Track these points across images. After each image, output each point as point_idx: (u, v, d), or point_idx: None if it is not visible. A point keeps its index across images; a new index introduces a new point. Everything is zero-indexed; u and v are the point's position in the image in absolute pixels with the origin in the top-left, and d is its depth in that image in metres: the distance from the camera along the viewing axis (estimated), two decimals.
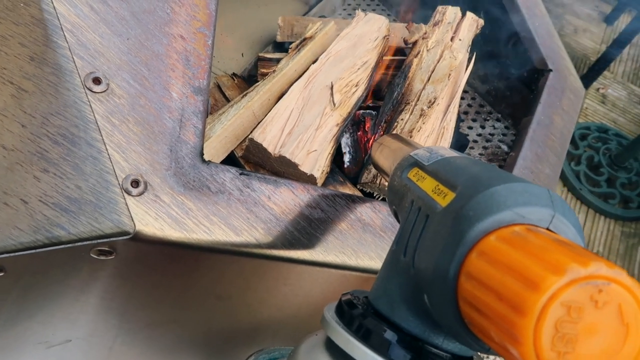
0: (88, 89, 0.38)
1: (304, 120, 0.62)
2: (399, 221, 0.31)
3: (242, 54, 0.88)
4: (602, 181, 1.84)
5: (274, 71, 0.69)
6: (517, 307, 0.17)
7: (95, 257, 0.39)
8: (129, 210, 0.37)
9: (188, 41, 0.44)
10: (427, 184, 0.27)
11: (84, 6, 0.40)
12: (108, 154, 0.38)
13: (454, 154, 0.31)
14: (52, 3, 0.39)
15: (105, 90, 0.39)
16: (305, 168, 0.59)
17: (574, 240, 0.22)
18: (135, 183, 0.38)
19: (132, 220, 0.37)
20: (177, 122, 0.41)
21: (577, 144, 1.92)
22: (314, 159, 0.60)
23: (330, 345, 0.26)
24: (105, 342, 0.56)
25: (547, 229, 0.22)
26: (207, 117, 0.44)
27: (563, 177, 1.84)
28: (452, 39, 0.71)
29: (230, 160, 0.64)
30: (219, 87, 0.72)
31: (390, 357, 0.23)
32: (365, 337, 0.24)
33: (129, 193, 0.38)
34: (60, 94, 0.38)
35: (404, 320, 0.25)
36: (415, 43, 0.74)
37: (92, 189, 0.37)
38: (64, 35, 0.39)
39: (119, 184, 0.38)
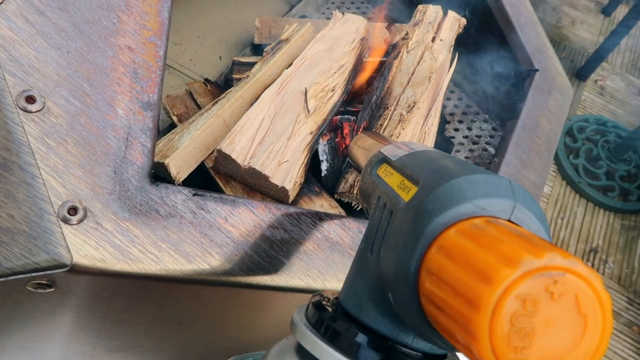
0: (21, 108, 0.35)
1: (276, 128, 0.59)
2: None
3: (220, 57, 0.85)
4: (601, 174, 1.81)
5: (247, 76, 0.66)
6: (472, 302, 0.17)
7: (33, 290, 0.36)
8: (65, 241, 0.34)
9: (136, 52, 0.41)
10: (394, 180, 0.27)
11: (18, 18, 0.37)
12: (42, 179, 0.35)
13: (425, 148, 0.30)
14: None
15: (40, 109, 0.36)
16: (276, 180, 0.56)
17: (536, 231, 0.21)
18: (73, 210, 0.35)
19: (69, 252, 0.34)
20: (122, 141, 0.38)
21: (575, 137, 1.89)
22: (286, 170, 0.57)
23: (301, 349, 0.25)
24: None
25: (509, 220, 0.21)
26: (157, 133, 0.41)
27: (562, 171, 1.81)
28: (433, 40, 0.67)
29: (200, 171, 0.61)
30: (190, 94, 0.69)
31: (360, 359, 0.23)
32: (334, 339, 0.24)
33: (65, 221, 0.35)
34: None
35: (373, 320, 0.24)
36: (396, 45, 0.71)
37: (25, 217, 0.34)
38: None
39: (55, 212, 0.35)
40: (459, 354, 0.27)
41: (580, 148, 1.86)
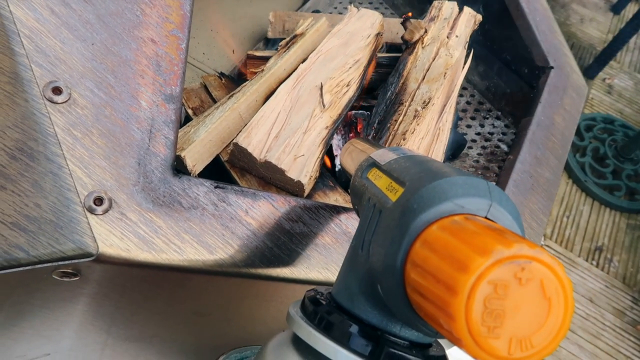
0: (47, 99, 0.36)
1: (292, 123, 0.59)
2: None
3: (233, 51, 0.85)
4: (607, 173, 1.81)
5: (262, 70, 0.66)
6: (450, 288, 0.19)
7: (58, 278, 0.36)
8: (91, 230, 0.35)
9: (159, 45, 0.41)
10: (382, 182, 0.29)
11: (44, 9, 0.37)
12: (69, 170, 0.35)
13: (412, 153, 0.32)
14: (9, 7, 0.36)
15: (66, 101, 0.36)
16: (292, 174, 0.56)
17: (510, 226, 0.23)
18: (99, 200, 0.35)
19: (95, 241, 0.35)
20: (146, 133, 0.39)
21: (582, 135, 1.88)
22: (302, 164, 0.57)
23: (296, 340, 0.27)
24: (87, 355, 0.54)
25: (485, 217, 0.23)
26: (180, 126, 0.41)
27: (568, 169, 1.81)
28: (448, 36, 0.67)
29: (216, 165, 0.61)
30: (205, 87, 0.69)
31: (351, 347, 0.25)
32: (327, 329, 0.26)
33: (91, 211, 0.35)
34: (18, 105, 0.35)
35: (363, 312, 0.26)
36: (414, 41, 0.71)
37: (52, 207, 0.35)
38: (21, 42, 0.36)
39: (81, 202, 0.35)
40: (444, 344, 0.29)
41: (587, 146, 1.86)
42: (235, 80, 0.74)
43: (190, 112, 0.66)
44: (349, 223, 0.46)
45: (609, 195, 1.79)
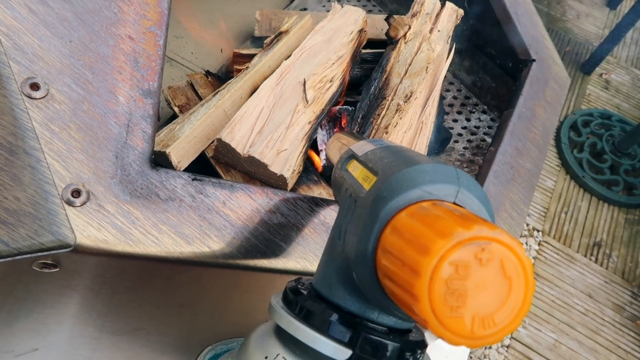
0: (26, 95, 0.37)
1: (275, 118, 0.60)
2: None
3: (221, 50, 0.86)
4: (605, 168, 1.81)
5: (247, 68, 0.67)
6: (415, 270, 0.19)
7: (39, 269, 0.37)
8: (69, 222, 0.36)
9: (137, 42, 0.42)
10: (359, 173, 0.30)
11: (22, 8, 0.38)
12: (47, 163, 0.36)
13: (390, 144, 0.32)
14: None
15: (44, 96, 0.37)
16: (275, 168, 0.57)
17: (477, 211, 0.24)
18: (77, 193, 0.36)
19: (73, 232, 0.36)
20: (123, 127, 0.40)
21: (579, 131, 1.88)
22: (285, 159, 0.58)
23: (278, 330, 0.28)
24: (77, 349, 0.55)
25: (454, 202, 0.23)
26: (158, 120, 0.42)
27: (566, 165, 1.81)
28: (430, 31, 0.68)
29: (201, 161, 0.62)
30: (192, 85, 0.70)
31: (330, 334, 0.25)
32: (307, 318, 0.26)
33: (69, 203, 0.36)
34: None
35: (342, 300, 0.27)
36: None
37: (30, 200, 0.36)
38: None
39: (59, 195, 0.36)
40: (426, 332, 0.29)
41: (584, 142, 1.86)
42: (221, 78, 0.76)
43: (176, 110, 0.67)
44: (327, 214, 0.47)
45: (607, 190, 1.79)
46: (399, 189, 0.24)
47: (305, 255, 0.44)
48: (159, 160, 0.58)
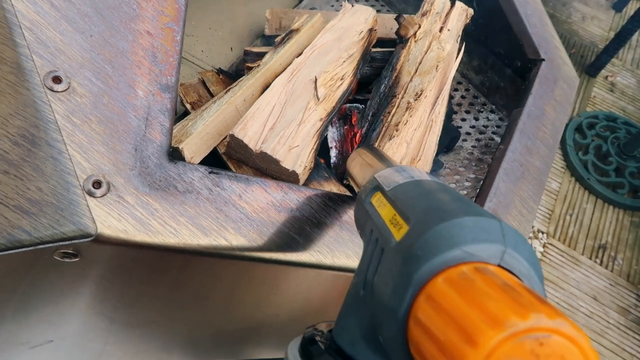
0: (48, 88, 0.38)
1: (287, 115, 0.61)
2: None
3: (231, 48, 0.87)
4: (610, 170, 1.81)
5: (259, 65, 0.68)
6: None
7: (59, 259, 0.38)
8: (90, 212, 0.36)
9: (155, 37, 0.43)
10: (386, 212, 0.27)
11: (44, 3, 0.39)
12: (69, 155, 0.37)
13: (421, 176, 0.29)
14: (11, 1, 0.38)
15: (66, 89, 0.38)
16: (286, 164, 0.57)
17: (527, 275, 0.21)
18: (98, 184, 0.37)
19: (94, 222, 0.36)
20: (142, 121, 0.40)
21: (585, 133, 1.88)
22: (296, 155, 0.58)
23: None
24: (89, 342, 0.56)
25: (498, 265, 0.21)
26: (175, 114, 0.43)
27: (571, 167, 1.81)
28: (440, 30, 0.69)
29: (213, 157, 0.63)
30: (203, 83, 0.71)
31: None
32: None
33: (90, 194, 0.37)
34: (19, 94, 0.37)
35: (365, 358, 0.25)
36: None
37: (53, 190, 0.36)
38: (23, 34, 0.38)
39: (80, 185, 0.37)
40: None
41: (589, 144, 1.86)
42: (232, 76, 0.76)
43: (188, 106, 0.68)
44: (340, 208, 0.47)
45: (612, 192, 1.79)
46: (435, 248, 0.21)
47: (319, 248, 0.45)
48: (172, 156, 0.58)
